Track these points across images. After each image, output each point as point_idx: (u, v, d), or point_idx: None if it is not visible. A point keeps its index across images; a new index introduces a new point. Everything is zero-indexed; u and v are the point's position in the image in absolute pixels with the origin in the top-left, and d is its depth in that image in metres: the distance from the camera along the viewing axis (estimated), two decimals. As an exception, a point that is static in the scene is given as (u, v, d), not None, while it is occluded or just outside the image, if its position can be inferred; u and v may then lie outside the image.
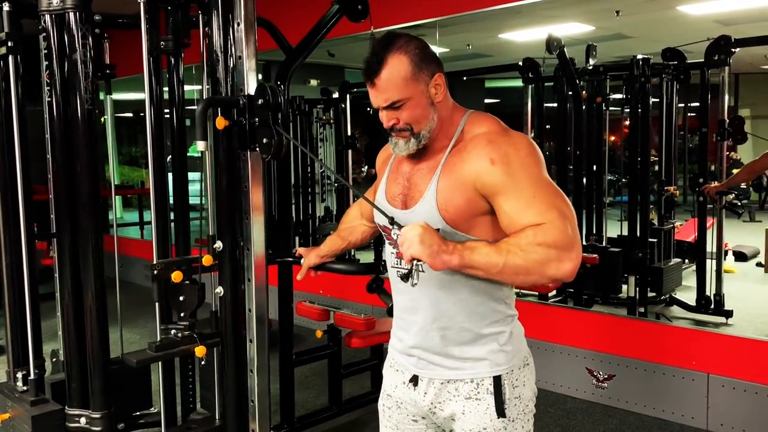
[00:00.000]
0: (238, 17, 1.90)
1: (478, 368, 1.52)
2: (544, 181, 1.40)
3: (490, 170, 1.40)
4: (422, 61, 1.45)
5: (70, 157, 2.04)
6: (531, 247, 1.30)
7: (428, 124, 1.48)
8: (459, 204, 1.44)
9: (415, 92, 1.45)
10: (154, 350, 2.14)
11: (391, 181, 1.62)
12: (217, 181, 1.99)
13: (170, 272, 2.00)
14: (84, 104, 2.00)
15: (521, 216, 1.36)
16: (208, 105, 1.84)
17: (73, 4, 1.97)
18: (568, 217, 1.34)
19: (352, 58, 7.90)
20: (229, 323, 2.01)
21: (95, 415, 2.08)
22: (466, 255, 1.33)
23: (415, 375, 1.59)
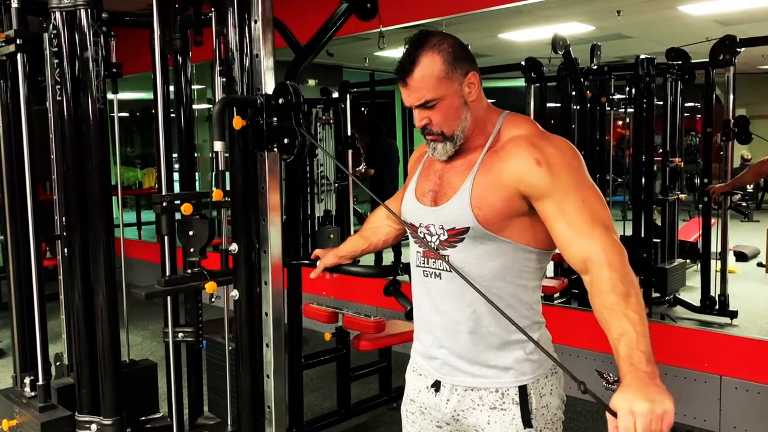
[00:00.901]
0: (255, 15, 1.86)
1: (503, 377, 1.49)
2: (588, 186, 1.39)
3: (536, 171, 1.38)
4: (456, 60, 1.42)
5: (81, 157, 1.99)
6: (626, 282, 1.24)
7: (461, 125, 1.46)
8: (495, 204, 1.42)
9: (448, 91, 1.42)
10: (163, 284, 2.03)
11: (422, 178, 1.59)
12: (233, 181, 1.94)
13: (179, 205, 1.86)
14: (96, 103, 1.96)
15: (573, 228, 1.34)
16: (226, 104, 1.80)
17: (85, 1, 1.93)
18: (610, 226, 1.33)
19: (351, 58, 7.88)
20: (245, 327, 1.97)
21: (106, 421, 2.03)
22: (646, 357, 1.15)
23: (438, 380, 1.56)
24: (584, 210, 1.34)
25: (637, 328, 1.18)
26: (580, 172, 1.40)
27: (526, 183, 1.39)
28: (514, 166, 1.41)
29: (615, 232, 1.33)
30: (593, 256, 1.30)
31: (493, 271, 1.46)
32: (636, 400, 1.07)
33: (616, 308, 1.22)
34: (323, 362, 3.15)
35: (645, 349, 1.16)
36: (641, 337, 1.17)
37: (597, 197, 1.37)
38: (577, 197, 1.35)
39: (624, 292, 1.23)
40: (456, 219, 1.45)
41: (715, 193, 4.47)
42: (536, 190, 1.38)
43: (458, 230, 1.45)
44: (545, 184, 1.37)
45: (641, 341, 1.16)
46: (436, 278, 1.53)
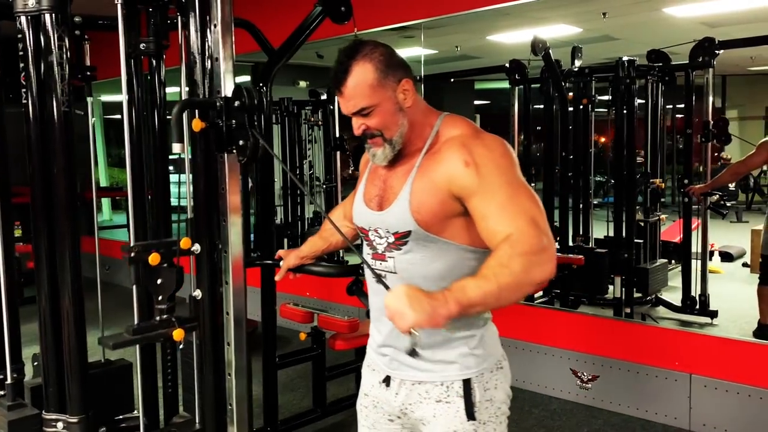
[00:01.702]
0: (214, 19, 1.89)
1: (448, 371, 1.53)
2: (517, 183, 1.41)
3: (464, 172, 1.41)
4: (388, 68, 1.46)
5: (47, 159, 2.02)
6: (512, 261, 1.29)
7: (399, 130, 1.50)
8: (432, 206, 1.46)
9: (382, 98, 1.46)
10: (131, 333, 2.09)
11: (369, 182, 1.63)
12: (195, 183, 1.98)
13: (147, 255, 1.95)
14: (60, 106, 1.99)
15: (494, 220, 1.37)
16: (184, 107, 1.83)
17: (50, 6, 1.95)
18: (538, 221, 1.34)
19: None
20: (208, 326, 2.00)
21: (72, 419, 2.06)
22: (460, 296, 1.27)
23: (388, 375, 1.61)
24: (510, 205, 1.36)
25: (484, 286, 1.27)
26: (508, 170, 1.42)
27: (456, 185, 1.43)
28: (445, 168, 1.45)
29: (542, 228, 1.33)
30: (505, 238, 1.32)
31: (439, 271, 1.50)
32: (400, 297, 1.25)
33: (487, 265, 1.29)
34: (298, 362, 3.18)
35: (471, 296, 1.26)
36: (478, 291, 1.27)
37: (526, 195, 1.39)
38: (503, 195, 1.38)
39: (502, 263, 1.28)
40: (399, 223, 1.49)
41: (694, 194, 4.50)
42: (466, 191, 1.42)
43: (402, 234, 1.50)
44: (473, 184, 1.40)
45: (475, 292, 1.26)
46: (376, 280, 1.57)
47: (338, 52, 1.48)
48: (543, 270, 1.30)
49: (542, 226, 1.34)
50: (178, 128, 1.78)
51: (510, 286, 1.29)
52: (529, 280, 1.30)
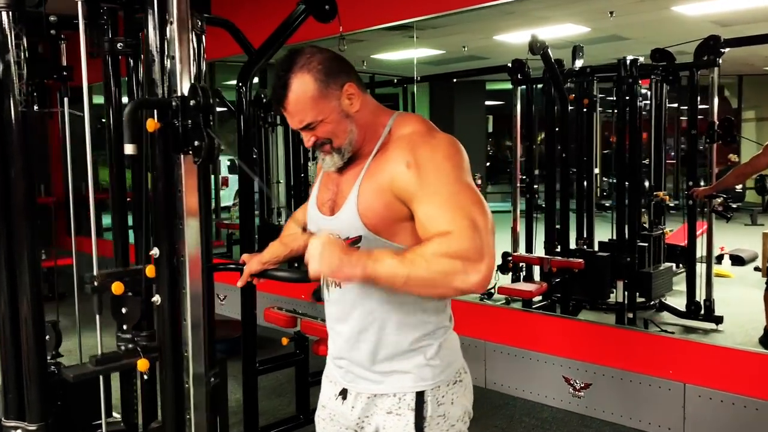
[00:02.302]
0: (170, 16, 1.84)
1: (402, 382, 1.46)
2: (460, 186, 1.33)
3: (405, 174, 1.35)
4: (328, 76, 1.39)
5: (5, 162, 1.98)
6: (435, 259, 1.22)
7: (347, 137, 1.43)
8: (378, 209, 1.39)
9: (326, 109, 1.40)
10: (94, 364, 2.10)
11: (323, 186, 1.57)
12: (154, 185, 1.92)
13: (110, 284, 1.95)
14: (17, 106, 1.95)
15: (431, 223, 1.29)
16: (137, 107, 1.78)
17: (6, 4, 1.91)
18: (479, 227, 1.25)
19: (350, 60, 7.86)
20: (168, 333, 1.94)
21: (31, 427, 2.02)
22: (370, 266, 1.24)
23: (345, 388, 1.55)
24: (448, 207, 1.28)
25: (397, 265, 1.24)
26: (452, 172, 1.34)
27: (397, 187, 1.36)
28: (389, 170, 1.38)
29: (481, 234, 1.24)
30: (444, 232, 1.25)
31: None
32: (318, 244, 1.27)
33: (413, 251, 1.26)
34: (280, 367, 3.12)
35: (379, 270, 1.24)
36: (388, 266, 1.24)
37: (470, 197, 1.31)
38: (441, 197, 1.30)
39: (425, 256, 1.23)
40: (349, 228, 1.42)
41: (698, 196, 4.37)
42: (407, 194, 1.35)
43: (353, 239, 1.42)
44: (413, 187, 1.34)
45: (385, 266, 1.24)
46: (336, 287, 1.51)
47: (276, 65, 1.43)
48: (466, 280, 1.22)
49: (482, 233, 1.25)
50: (130, 128, 1.73)
51: (422, 282, 1.24)
52: (446, 284, 1.23)
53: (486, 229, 1.26)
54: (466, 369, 1.57)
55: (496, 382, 3.78)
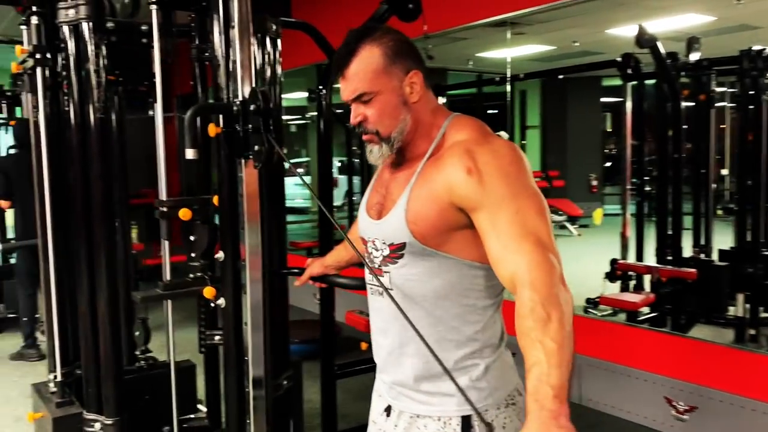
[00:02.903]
0: (232, 20, 1.84)
1: (446, 405, 1.36)
2: (527, 193, 1.23)
3: (467, 181, 1.24)
4: (396, 55, 1.32)
5: (85, 166, 2.07)
6: (547, 306, 1.11)
7: (399, 126, 1.34)
8: (430, 217, 1.30)
9: (385, 87, 1.32)
10: (162, 288, 2.07)
11: (374, 189, 1.49)
12: (219, 189, 1.94)
13: (177, 210, 1.92)
14: (97, 113, 2.03)
15: (501, 243, 1.21)
16: (197, 112, 1.79)
17: (86, 15, 2.00)
18: (544, 240, 1.18)
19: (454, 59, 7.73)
20: (231, 336, 1.96)
21: (108, 421, 2.09)
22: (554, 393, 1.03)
23: (389, 405, 1.47)
24: (516, 222, 1.19)
25: (552, 359, 1.06)
26: (516, 179, 1.24)
27: (458, 195, 1.26)
28: (446, 177, 1.28)
29: (549, 247, 1.17)
30: (518, 275, 1.16)
31: (436, 290, 1.34)
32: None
33: (532, 334, 1.09)
34: (360, 372, 3.07)
35: (555, 383, 1.04)
36: (554, 369, 1.05)
37: (534, 207, 1.22)
38: (509, 208, 1.21)
39: (543, 318, 1.10)
40: (394, 234, 1.35)
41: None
42: (468, 202, 1.25)
43: (397, 245, 1.35)
44: (476, 195, 1.24)
45: (553, 374, 1.04)
46: (379, 296, 1.44)
47: (347, 34, 1.36)
48: (566, 288, 1.15)
49: (548, 244, 1.18)
50: (191, 133, 1.74)
51: (566, 332, 1.10)
52: (567, 308, 1.13)
53: (550, 236, 1.20)
54: (521, 391, 1.44)
55: (592, 398, 3.54)
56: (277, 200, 2.36)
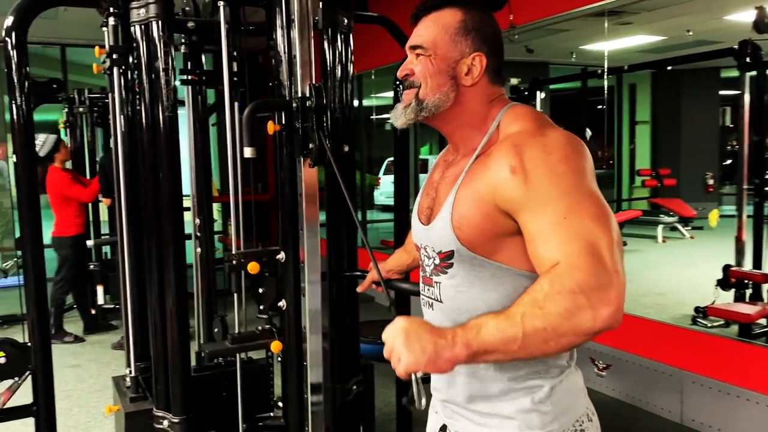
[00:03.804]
0: (292, 14, 1.78)
1: (506, 428, 1.24)
2: (579, 195, 1.07)
3: (510, 181, 1.11)
4: (473, 31, 1.23)
5: (154, 164, 2.08)
6: (550, 300, 0.98)
7: (438, 96, 1.23)
8: (476, 222, 1.17)
9: (444, 52, 1.23)
10: (231, 342, 2.11)
11: (425, 191, 1.39)
12: (281, 188, 1.89)
13: (247, 263, 1.94)
14: (165, 111, 2.03)
15: (540, 242, 1.06)
16: (254, 109, 1.74)
17: (156, 14, 2.00)
18: (598, 248, 1.00)
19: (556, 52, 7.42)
20: (292, 338, 1.91)
21: (175, 419, 2.10)
22: (473, 339, 1.00)
23: (444, 424, 1.36)
24: (565, 227, 1.05)
25: (509, 329, 1.00)
26: (567, 178, 1.09)
27: (502, 196, 1.13)
28: (491, 176, 1.15)
29: (602, 257, 1.00)
30: (551, 267, 1.03)
31: (489, 304, 1.21)
32: (397, 333, 1.03)
33: (518, 303, 1.02)
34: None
35: (486, 340, 1.01)
36: (494, 330, 1.01)
37: (589, 211, 1.06)
38: (556, 211, 1.06)
39: (536, 301, 0.99)
40: (442, 241, 1.23)
41: None
42: (512, 204, 1.12)
43: (445, 254, 1.24)
44: (520, 196, 1.10)
45: (492, 335, 1.00)
46: (429, 308, 1.34)
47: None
48: (598, 316, 0.96)
49: (603, 256, 1.00)
50: (248, 131, 1.70)
51: (541, 334, 0.98)
52: (572, 327, 0.97)
53: (609, 246, 1.01)
54: (591, 416, 1.29)
55: (695, 419, 3.24)
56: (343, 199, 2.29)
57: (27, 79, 2.19)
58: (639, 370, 3.49)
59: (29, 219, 2.21)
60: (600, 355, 3.74)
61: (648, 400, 3.46)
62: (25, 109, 2.19)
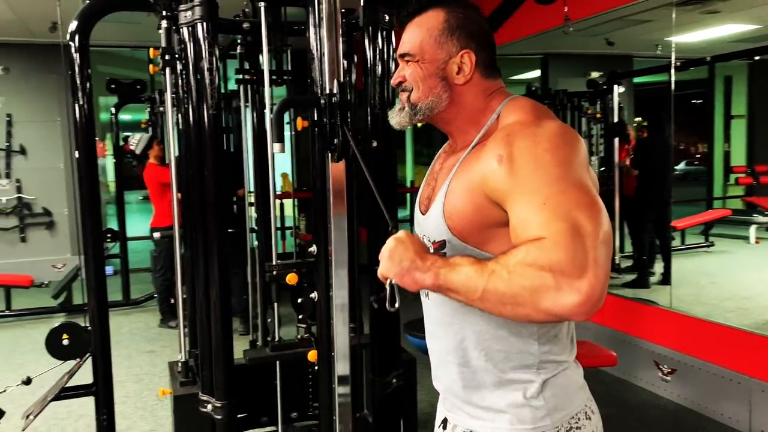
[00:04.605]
0: (322, 12, 1.81)
1: (497, 422, 1.24)
2: (565, 184, 1.04)
3: (497, 171, 1.11)
4: (458, 29, 1.23)
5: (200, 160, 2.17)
6: (519, 269, 0.97)
7: (430, 99, 1.25)
8: (466, 212, 1.18)
9: (431, 55, 1.25)
10: (271, 349, 2.24)
11: (426, 181, 1.40)
12: (313, 182, 1.94)
13: (286, 274, 2.05)
14: (209, 110, 2.12)
15: (523, 227, 1.05)
16: (283, 106, 1.79)
17: (201, 16, 2.09)
18: (583, 233, 0.97)
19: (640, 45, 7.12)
20: (324, 330, 1.95)
21: (217, 404, 2.19)
22: (442, 274, 1.06)
23: (445, 417, 1.37)
24: (546, 211, 1.02)
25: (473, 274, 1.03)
26: (555, 166, 1.06)
27: (490, 186, 1.13)
28: (481, 166, 1.16)
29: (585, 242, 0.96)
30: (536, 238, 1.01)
31: None
32: (391, 241, 1.13)
33: (495, 259, 1.04)
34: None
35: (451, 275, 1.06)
36: (462, 275, 1.04)
37: (575, 197, 1.02)
38: (538, 197, 1.04)
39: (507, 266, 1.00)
40: (436, 230, 1.25)
41: None
42: (498, 193, 1.12)
43: (438, 243, 1.25)
44: (505, 185, 1.10)
45: (459, 273, 1.05)
46: (426, 297, 1.35)
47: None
48: (560, 300, 0.94)
49: (587, 241, 0.96)
50: (277, 127, 1.75)
51: (500, 298, 0.99)
52: (532, 303, 0.96)
53: (593, 236, 0.97)
54: (589, 414, 1.26)
55: (765, 429, 3.05)
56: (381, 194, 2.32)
57: (89, 80, 2.34)
58: (706, 376, 3.31)
59: (90, 213, 2.36)
60: (664, 359, 3.58)
61: (714, 408, 3.28)
62: (86, 109, 2.35)
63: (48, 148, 7.42)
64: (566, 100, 6.03)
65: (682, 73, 7.70)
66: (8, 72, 7.19)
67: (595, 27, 5.48)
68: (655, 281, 4.97)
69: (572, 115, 6.13)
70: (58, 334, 2.35)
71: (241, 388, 2.58)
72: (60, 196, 7.42)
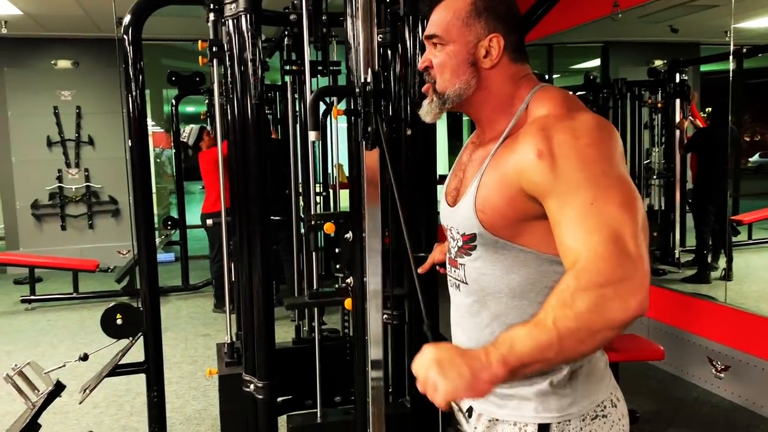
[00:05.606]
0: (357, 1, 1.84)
1: (522, 410, 1.25)
2: (606, 181, 1.06)
3: (536, 165, 1.11)
4: (486, 11, 1.23)
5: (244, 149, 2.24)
6: (578, 299, 0.96)
7: (458, 86, 1.25)
8: (499, 205, 1.19)
9: (459, 38, 1.24)
10: (308, 297, 2.27)
11: (453, 173, 1.41)
12: (351, 170, 1.98)
13: (324, 223, 2.08)
14: (252, 100, 2.18)
15: (567, 233, 1.06)
16: (318, 95, 1.84)
17: (244, 7, 2.15)
18: (622, 236, 1.00)
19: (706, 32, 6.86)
20: (359, 315, 1.99)
21: (259, 384, 2.27)
22: (507, 355, 0.97)
23: (470, 406, 1.38)
24: (591, 214, 1.03)
25: (537, 333, 0.98)
26: (595, 163, 1.07)
27: (528, 180, 1.13)
28: (517, 159, 1.16)
29: (625, 246, 0.99)
30: (573, 263, 1.02)
31: (511, 287, 1.23)
32: (429, 363, 0.99)
33: (546, 307, 1.00)
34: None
35: (520, 351, 0.97)
36: (530, 343, 0.97)
37: (617, 198, 1.04)
38: (584, 197, 1.05)
39: (565, 302, 0.97)
40: (466, 223, 1.26)
41: None
42: (538, 188, 1.12)
43: (468, 236, 1.27)
44: (546, 181, 1.10)
45: (526, 345, 0.97)
46: (456, 289, 1.37)
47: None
48: (624, 306, 0.95)
49: (627, 244, 0.99)
50: (313, 116, 1.80)
51: (576, 334, 0.96)
52: (604, 322, 0.96)
53: (634, 235, 1.00)
54: (615, 402, 1.27)
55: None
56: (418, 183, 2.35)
57: (141, 73, 2.45)
58: (761, 374, 3.21)
59: (141, 200, 2.47)
60: (718, 355, 3.48)
61: (770, 407, 3.18)
62: (139, 101, 2.45)
63: (113, 139, 7.74)
64: (625, 89, 5.87)
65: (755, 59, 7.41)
66: (78, 66, 7.53)
67: (657, 13, 5.32)
68: (717, 276, 4.82)
69: (631, 104, 5.97)
70: (112, 314, 2.47)
71: (287, 372, 2.66)
72: (125, 186, 7.74)
